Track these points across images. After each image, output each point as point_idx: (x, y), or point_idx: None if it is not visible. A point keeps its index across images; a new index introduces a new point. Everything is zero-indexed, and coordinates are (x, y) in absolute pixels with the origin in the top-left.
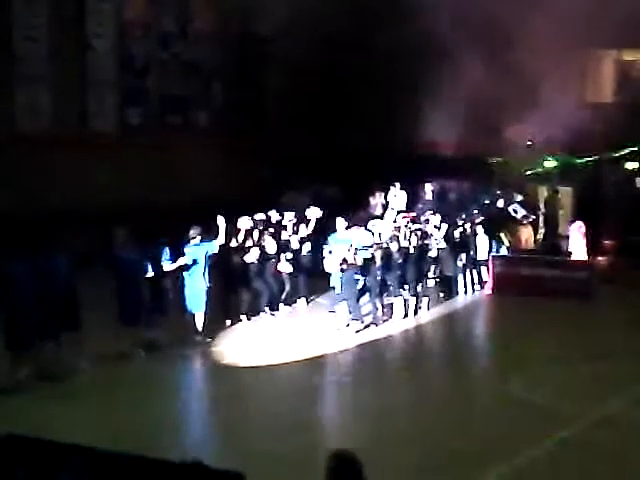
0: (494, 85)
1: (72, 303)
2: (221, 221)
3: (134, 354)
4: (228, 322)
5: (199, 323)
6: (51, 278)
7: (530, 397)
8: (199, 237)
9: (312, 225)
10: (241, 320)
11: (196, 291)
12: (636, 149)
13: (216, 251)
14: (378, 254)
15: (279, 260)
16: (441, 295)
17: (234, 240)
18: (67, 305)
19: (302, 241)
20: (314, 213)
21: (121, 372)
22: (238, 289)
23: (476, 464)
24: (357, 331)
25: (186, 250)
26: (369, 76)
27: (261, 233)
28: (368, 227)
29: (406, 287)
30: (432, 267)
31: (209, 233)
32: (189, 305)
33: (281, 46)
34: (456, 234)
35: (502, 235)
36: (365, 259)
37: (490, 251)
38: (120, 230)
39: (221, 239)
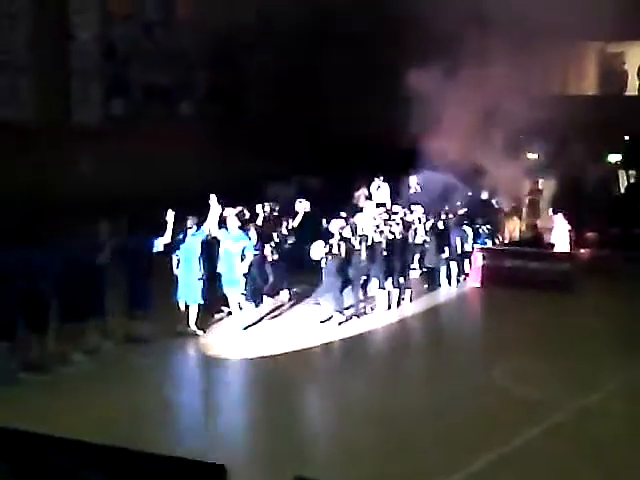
0: (479, 76)
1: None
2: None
3: (101, 348)
4: (212, 313)
5: (192, 315)
6: (38, 270)
7: (513, 388)
8: (195, 227)
9: (299, 218)
10: (225, 312)
11: (191, 283)
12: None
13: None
14: (361, 246)
15: (263, 251)
16: (424, 287)
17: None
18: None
19: (287, 233)
20: (303, 206)
21: (104, 364)
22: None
23: (460, 452)
24: (340, 323)
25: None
26: (353, 65)
27: (246, 224)
28: (351, 219)
29: (389, 279)
30: (415, 259)
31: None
32: (183, 297)
33: (264, 35)
34: (440, 225)
35: (486, 227)
36: (348, 251)
37: (474, 243)
38: (104, 222)
39: (209, 229)
